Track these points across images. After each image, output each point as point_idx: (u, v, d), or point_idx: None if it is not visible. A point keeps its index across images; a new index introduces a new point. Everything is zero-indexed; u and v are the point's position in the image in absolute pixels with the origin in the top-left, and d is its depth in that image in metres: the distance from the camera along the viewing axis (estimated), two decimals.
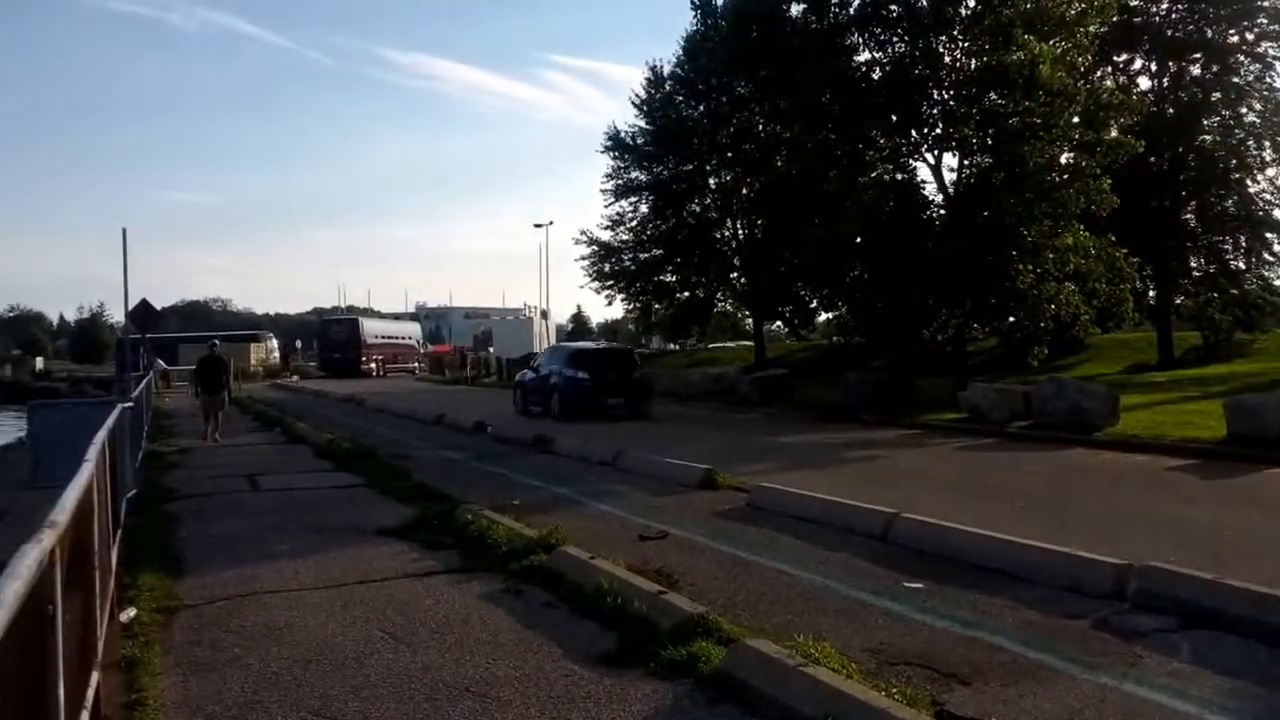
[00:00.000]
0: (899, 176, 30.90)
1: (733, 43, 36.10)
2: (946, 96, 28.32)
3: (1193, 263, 37.45)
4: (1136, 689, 5.81)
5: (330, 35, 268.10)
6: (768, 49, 32.69)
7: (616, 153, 44.50)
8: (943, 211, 29.66)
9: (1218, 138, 35.40)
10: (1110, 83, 31.75)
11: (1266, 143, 35.27)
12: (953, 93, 28.06)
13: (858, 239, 30.41)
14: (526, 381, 29.85)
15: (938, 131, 28.85)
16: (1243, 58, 35.23)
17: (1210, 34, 34.78)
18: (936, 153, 29.41)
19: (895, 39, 29.59)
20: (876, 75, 30.19)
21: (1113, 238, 27.77)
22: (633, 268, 44.75)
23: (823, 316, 44.32)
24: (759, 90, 37.26)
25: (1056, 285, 27.00)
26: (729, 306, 48.09)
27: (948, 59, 28.25)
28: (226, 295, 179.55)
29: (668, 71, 43.73)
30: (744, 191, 42.50)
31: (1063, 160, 28.14)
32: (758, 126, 40.57)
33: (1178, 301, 37.51)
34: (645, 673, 6.19)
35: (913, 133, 29.54)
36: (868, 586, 8.23)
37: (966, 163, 28.88)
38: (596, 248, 44.99)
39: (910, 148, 30.10)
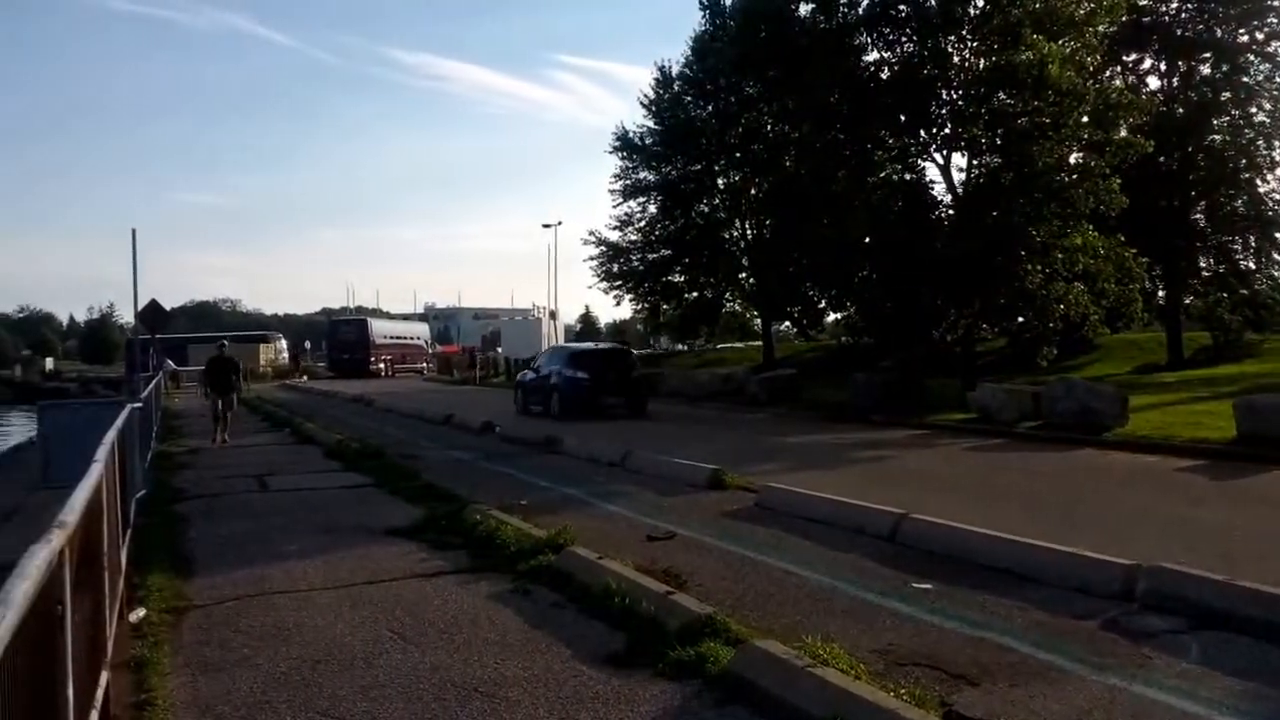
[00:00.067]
0: (908, 176, 30.95)
1: (741, 43, 36.09)
2: (955, 96, 28.32)
3: (1202, 263, 37.40)
4: (1146, 690, 5.79)
5: (338, 35, 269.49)
6: (776, 49, 32.69)
7: (625, 153, 44.51)
8: (951, 211, 29.64)
9: (1227, 137, 35.31)
10: (1119, 82, 31.70)
11: (1276, 142, 35.21)
12: (961, 92, 28.07)
13: (866, 239, 30.46)
14: (527, 381, 30.04)
15: (946, 131, 28.85)
16: (1252, 57, 35.14)
17: (1220, 33, 34.69)
18: (945, 153, 29.43)
19: (904, 39, 29.60)
20: (885, 75, 30.22)
21: (1122, 238, 27.76)
22: (641, 268, 44.74)
23: (831, 317, 44.37)
24: (767, 90, 37.23)
25: (1065, 285, 26.98)
26: (737, 307, 48.10)
27: (956, 59, 28.25)
28: (235, 296, 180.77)
29: (676, 72, 43.76)
30: (752, 191, 42.50)
31: (1072, 160, 28.13)
32: (766, 126, 40.58)
33: (1187, 302, 37.47)
34: (653, 673, 6.19)
35: (921, 133, 29.55)
36: (876, 587, 8.21)
37: (975, 163, 28.87)
38: (605, 248, 45.03)
39: (919, 148, 30.12)
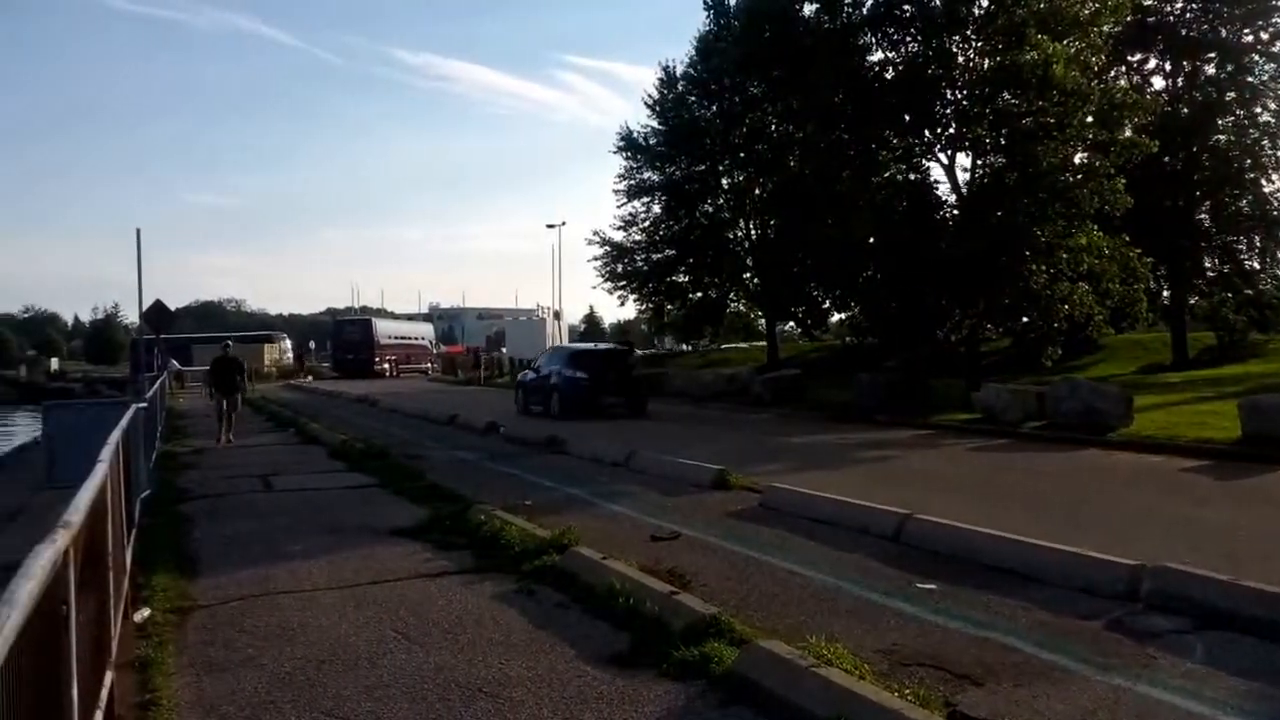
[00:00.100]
0: (912, 176, 30.92)
1: (745, 43, 36.08)
2: (960, 96, 28.29)
3: (1207, 263, 37.30)
4: (1150, 690, 5.79)
5: (341, 35, 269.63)
6: (780, 49, 32.68)
7: (629, 153, 44.49)
8: (956, 211, 29.60)
9: (1232, 137, 35.21)
10: (1124, 82, 31.64)
11: None
12: (966, 92, 28.03)
13: (870, 239, 30.42)
14: (527, 381, 30.31)
15: (951, 131, 28.82)
16: (1257, 57, 35.02)
17: (1225, 33, 34.61)
18: (950, 153, 29.40)
19: (908, 39, 29.56)
20: (889, 75, 30.18)
21: (1126, 238, 27.71)
22: (645, 268, 44.74)
23: (835, 317, 44.36)
24: (771, 90, 37.21)
25: (1070, 285, 26.94)
26: (741, 307, 48.04)
27: (961, 59, 28.22)
28: (240, 296, 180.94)
29: (680, 72, 43.73)
30: (756, 192, 42.48)
31: (1076, 160, 28.11)
32: (770, 126, 40.53)
33: (1192, 302, 37.42)
34: (657, 673, 6.19)
35: (926, 133, 29.52)
36: (880, 587, 8.21)
37: (980, 162, 28.85)
38: (609, 248, 45.03)
39: (923, 148, 30.09)
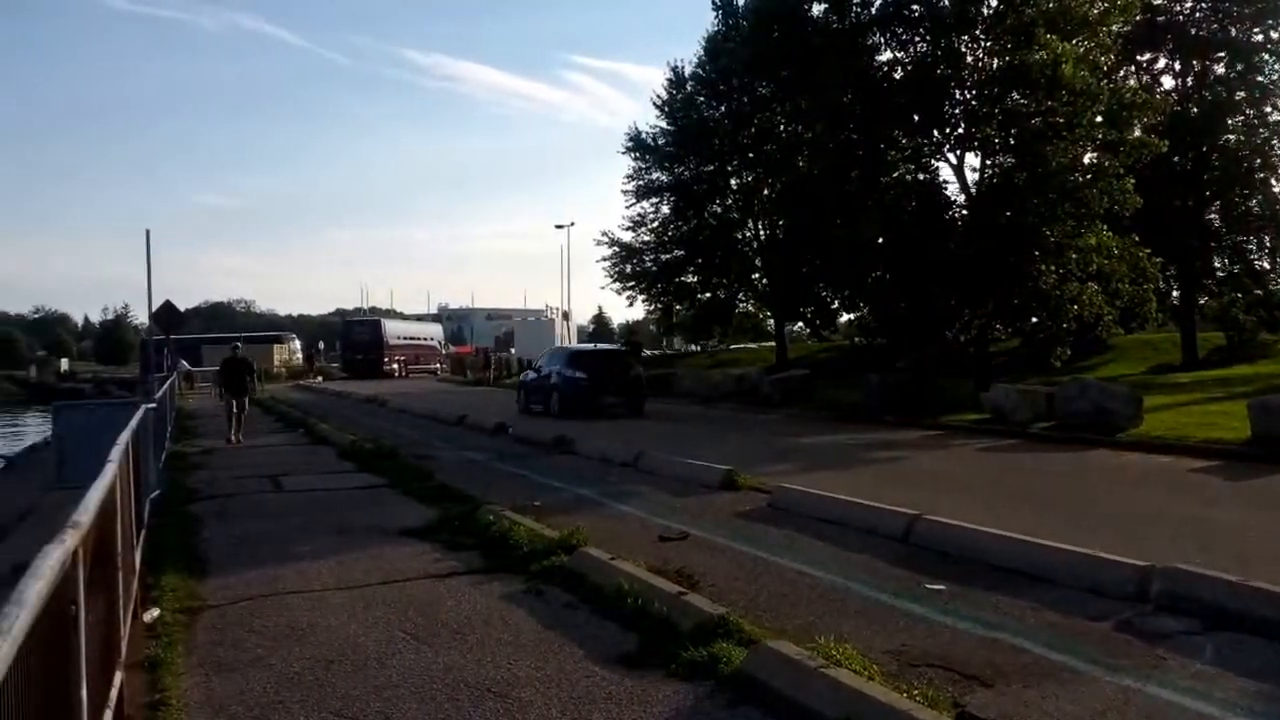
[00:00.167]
0: (921, 176, 30.87)
1: (754, 43, 36.02)
2: (968, 96, 28.25)
3: (1216, 263, 37.23)
4: (1159, 691, 5.77)
5: (349, 36, 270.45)
6: (789, 49, 32.62)
7: (638, 153, 44.52)
8: (965, 212, 29.57)
9: (1242, 137, 35.12)
10: (1133, 82, 31.62)
11: None
12: (975, 92, 28.00)
13: (879, 239, 30.37)
14: (529, 381, 30.94)
15: (960, 131, 28.76)
16: (1267, 56, 34.94)
17: (1234, 32, 34.52)
18: (958, 153, 29.34)
19: (917, 39, 29.52)
20: (898, 75, 30.13)
21: (1136, 238, 27.67)
22: (654, 269, 44.77)
23: (844, 317, 44.17)
24: (780, 90, 37.17)
25: (1079, 285, 26.88)
26: (750, 307, 48.01)
27: (970, 59, 28.17)
28: (249, 297, 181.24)
29: (689, 72, 43.73)
30: (765, 192, 42.45)
31: (1086, 160, 28.05)
32: (779, 127, 40.51)
33: (1202, 302, 37.30)
34: (666, 674, 6.19)
35: (934, 133, 29.46)
36: (889, 588, 8.20)
37: (989, 163, 28.81)
38: (618, 249, 45.07)
39: (932, 148, 30.03)
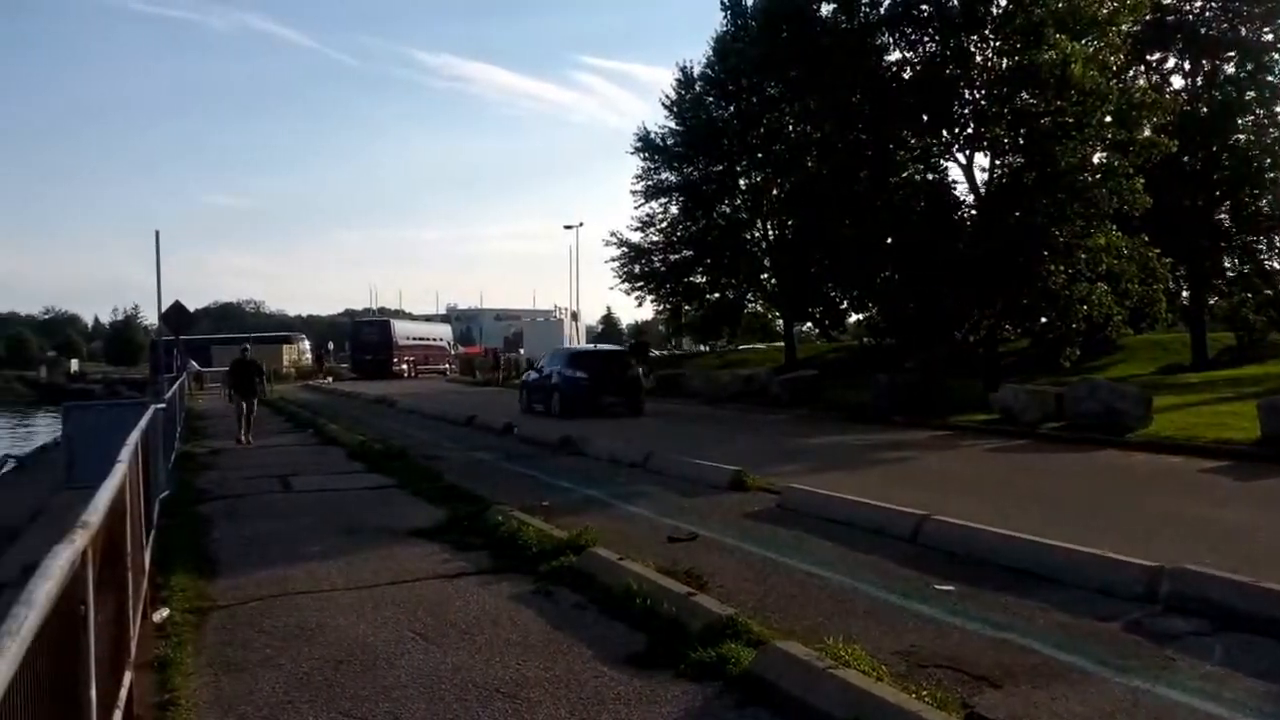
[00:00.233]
0: (930, 176, 30.81)
1: (763, 43, 36.02)
2: (978, 96, 28.16)
3: (1226, 263, 37.05)
4: (1169, 692, 5.76)
5: (358, 36, 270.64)
6: (798, 49, 32.58)
7: (647, 154, 44.58)
8: (974, 212, 29.48)
9: (1252, 137, 34.94)
10: (1143, 81, 31.47)
11: None
12: (984, 92, 27.91)
13: (888, 239, 30.34)
14: (530, 381, 31.43)
15: (969, 131, 28.68)
16: (1277, 56, 34.79)
17: (1244, 32, 34.38)
18: (968, 152, 29.26)
19: (926, 38, 29.42)
20: (907, 75, 30.05)
21: (1145, 238, 27.56)
22: (663, 269, 44.82)
23: (853, 317, 44.25)
24: (789, 90, 37.15)
25: (1089, 286, 26.79)
26: (759, 308, 48.04)
27: (979, 58, 28.10)
28: (259, 297, 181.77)
29: (698, 72, 43.82)
30: (774, 192, 42.46)
31: (1095, 160, 27.96)
32: (788, 127, 40.48)
33: (1211, 302, 37.16)
34: (674, 674, 6.19)
35: (944, 132, 29.39)
36: (898, 589, 8.19)
37: (998, 162, 28.72)
38: (626, 249, 45.14)
39: (941, 147, 29.97)
